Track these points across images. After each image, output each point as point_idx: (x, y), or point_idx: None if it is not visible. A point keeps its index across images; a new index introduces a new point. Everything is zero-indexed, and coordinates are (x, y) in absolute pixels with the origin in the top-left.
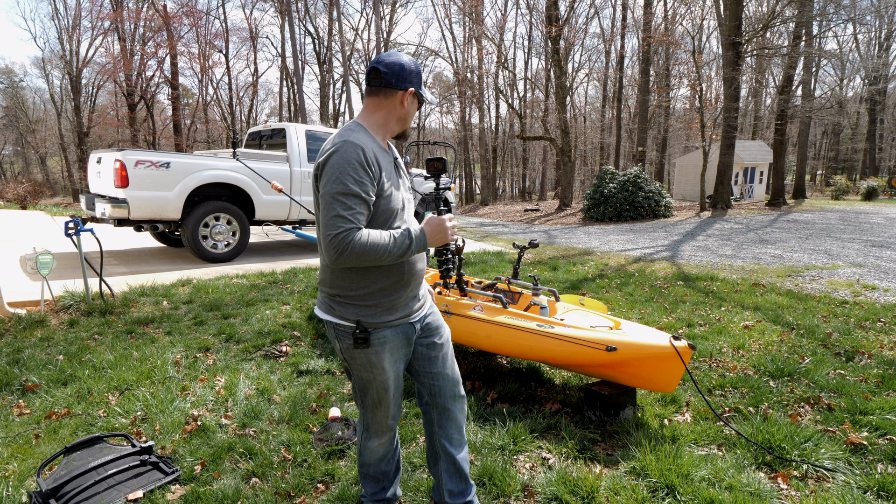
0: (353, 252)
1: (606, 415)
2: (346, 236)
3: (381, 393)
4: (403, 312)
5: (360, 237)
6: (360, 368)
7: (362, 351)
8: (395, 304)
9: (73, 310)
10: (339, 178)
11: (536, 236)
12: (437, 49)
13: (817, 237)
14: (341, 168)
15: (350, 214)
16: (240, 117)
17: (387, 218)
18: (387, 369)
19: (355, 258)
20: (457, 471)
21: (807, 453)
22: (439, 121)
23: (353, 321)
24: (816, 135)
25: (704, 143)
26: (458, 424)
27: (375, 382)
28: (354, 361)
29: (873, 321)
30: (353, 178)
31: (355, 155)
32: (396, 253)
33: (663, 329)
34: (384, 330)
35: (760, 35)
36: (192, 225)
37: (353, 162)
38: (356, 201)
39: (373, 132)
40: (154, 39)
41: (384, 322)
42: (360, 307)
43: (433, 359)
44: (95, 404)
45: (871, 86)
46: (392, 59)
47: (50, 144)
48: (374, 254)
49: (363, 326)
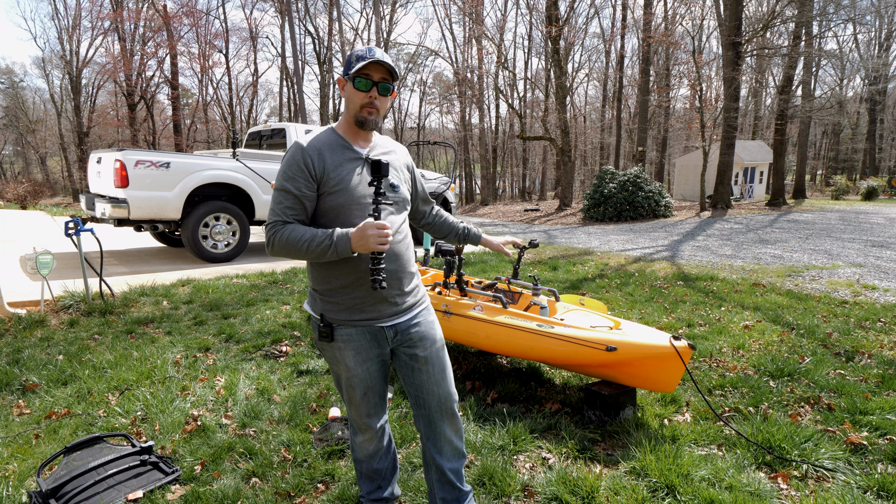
0: (277, 243)
1: (606, 415)
2: (271, 228)
3: (349, 390)
4: (371, 315)
5: (285, 231)
6: (330, 362)
7: (328, 344)
8: (358, 304)
9: (73, 310)
10: (278, 176)
11: (536, 236)
12: (437, 49)
13: (817, 237)
14: (281, 167)
15: (279, 208)
16: (240, 117)
17: (338, 214)
18: (351, 367)
19: (279, 249)
20: (447, 481)
21: (807, 453)
22: (439, 121)
23: (318, 314)
24: (816, 135)
25: (704, 143)
26: (447, 438)
27: (342, 378)
28: (324, 354)
29: (873, 321)
30: (286, 174)
31: (294, 154)
32: (317, 251)
33: (663, 329)
34: (348, 328)
35: (760, 35)
36: (192, 225)
37: (290, 161)
38: (286, 196)
39: (341, 130)
40: (154, 39)
41: (347, 320)
42: (324, 302)
43: (416, 370)
44: (95, 404)
45: (871, 86)
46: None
47: (50, 144)
48: (294, 247)
49: (327, 321)
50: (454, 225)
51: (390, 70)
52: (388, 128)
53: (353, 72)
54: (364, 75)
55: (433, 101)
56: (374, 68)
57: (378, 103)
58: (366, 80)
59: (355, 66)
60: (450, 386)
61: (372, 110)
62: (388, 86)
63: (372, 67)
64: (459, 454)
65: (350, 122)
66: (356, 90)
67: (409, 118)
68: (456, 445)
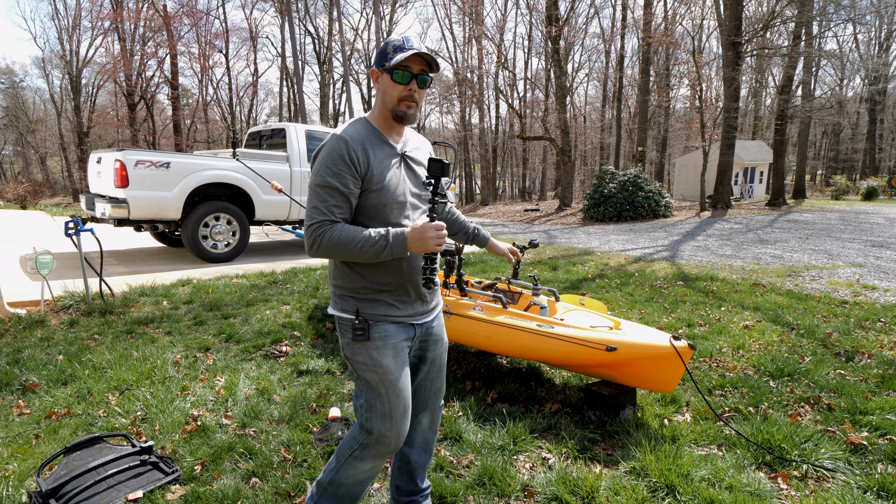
0: (324, 245)
1: (606, 415)
2: (318, 228)
3: (392, 398)
4: (410, 311)
5: (333, 231)
6: (363, 368)
7: (362, 346)
8: (397, 302)
9: (73, 310)
10: (319, 171)
11: (536, 236)
12: (437, 49)
13: (817, 237)
14: (322, 161)
15: (325, 206)
16: (240, 117)
17: (378, 212)
18: (391, 369)
19: (326, 251)
20: (408, 471)
21: (807, 453)
22: (439, 121)
23: (353, 312)
24: (816, 135)
25: (704, 143)
26: (422, 429)
27: (382, 384)
28: (356, 360)
29: (873, 321)
30: (331, 170)
31: (337, 148)
32: (371, 252)
33: (663, 329)
34: (386, 324)
35: (760, 35)
36: (192, 225)
37: (333, 154)
38: (332, 193)
39: (376, 123)
40: (154, 39)
41: (386, 315)
42: (359, 299)
43: (418, 370)
44: (95, 404)
45: (871, 86)
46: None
47: (50, 144)
48: (345, 249)
49: (363, 317)
50: (465, 224)
51: (429, 62)
52: None
53: (393, 64)
54: (403, 67)
55: (433, 101)
56: (413, 60)
57: (417, 96)
58: (405, 73)
59: (394, 58)
60: (443, 382)
61: (411, 103)
62: (427, 77)
63: (412, 59)
64: (427, 449)
65: (386, 115)
66: (394, 83)
67: None
68: (427, 438)
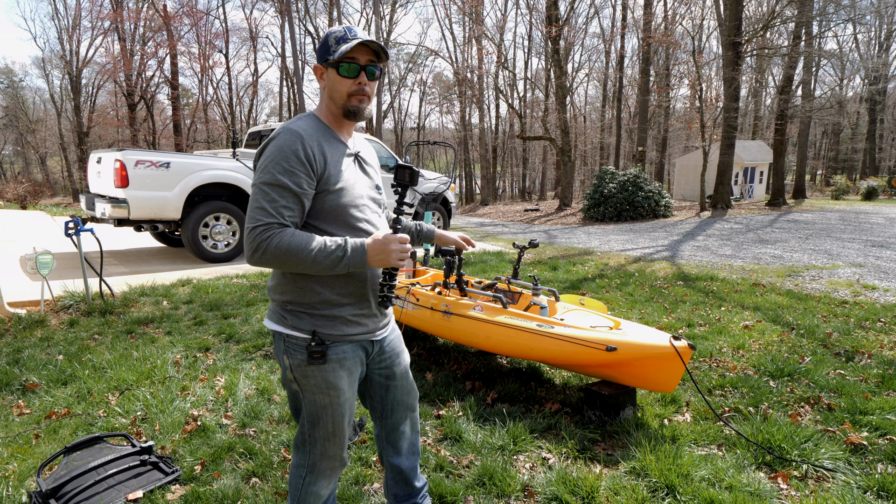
0: (270, 251)
1: (606, 415)
2: (263, 232)
3: (338, 420)
4: (369, 327)
5: (283, 236)
6: (314, 390)
7: (317, 368)
8: (355, 317)
9: (73, 310)
10: (267, 167)
11: (536, 236)
12: (437, 49)
13: (817, 237)
14: (272, 156)
15: (273, 207)
16: (240, 117)
17: (337, 216)
18: (344, 390)
19: (272, 259)
20: (403, 479)
21: (807, 453)
22: (439, 121)
23: (309, 332)
24: (816, 135)
25: (704, 143)
26: (407, 436)
27: (332, 407)
28: (307, 382)
29: (873, 321)
30: (282, 167)
31: (290, 142)
32: (325, 263)
33: (663, 329)
34: (343, 344)
35: (760, 35)
36: (192, 225)
37: (285, 150)
38: (282, 192)
39: (326, 120)
40: (154, 39)
41: (344, 335)
42: (315, 316)
43: (390, 388)
44: (95, 404)
45: (871, 86)
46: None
47: (50, 144)
48: (295, 258)
49: (320, 339)
50: (407, 225)
51: (377, 50)
52: (388, 128)
53: (337, 57)
54: (350, 59)
55: (433, 101)
56: (359, 50)
57: (368, 89)
58: (351, 65)
59: (338, 51)
60: (415, 389)
61: (363, 97)
62: (375, 69)
63: (357, 50)
64: (415, 450)
65: (336, 112)
66: (341, 77)
67: (409, 118)
68: (412, 441)
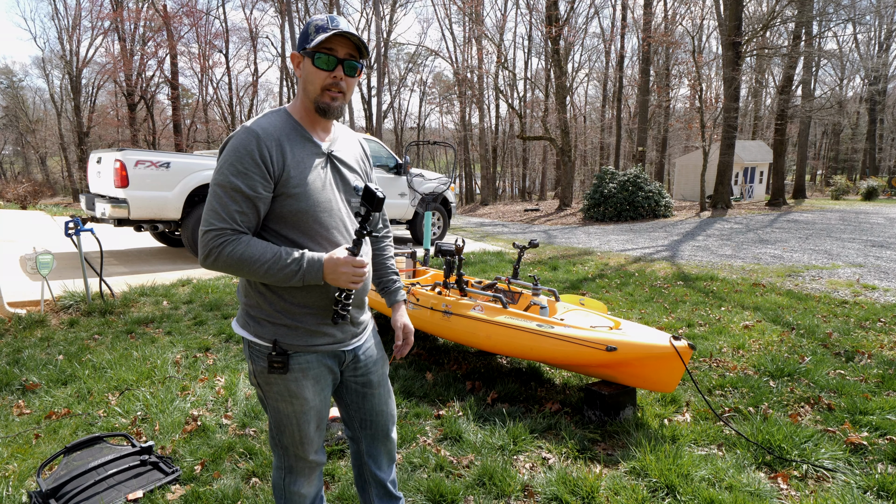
0: (223, 258)
1: (606, 415)
2: (216, 238)
3: (304, 427)
4: (336, 337)
5: (238, 243)
6: (277, 397)
7: (279, 377)
8: (321, 327)
9: (73, 310)
10: (221, 169)
11: (536, 236)
12: (437, 49)
13: (817, 237)
14: (226, 157)
15: (225, 211)
16: (240, 117)
17: (299, 221)
18: (309, 399)
19: (224, 265)
20: (387, 493)
21: (807, 453)
22: (439, 121)
23: (269, 341)
24: (816, 135)
25: (704, 143)
26: (387, 449)
27: (296, 416)
28: (269, 388)
29: (873, 321)
30: (235, 168)
31: (245, 142)
32: (279, 275)
33: (663, 329)
34: (307, 354)
35: (760, 35)
36: (192, 225)
37: (239, 150)
38: (234, 196)
39: (298, 116)
40: (154, 39)
41: (307, 345)
42: (277, 325)
43: (367, 396)
44: (95, 404)
45: (871, 86)
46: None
47: (50, 144)
48: (248, 267)
49: (281, 348)
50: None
51: (357, 45)
52: (388, 128)
53: (313, 46)
54: (326, 50)
55: (433, 101)
56: (338, 42)
57: (344, 85)
58: (328, 57)
59: (315, 39)
60: (393, 396)
61: (337, 94)
62: (356, 64)
63: (336, 41)
64: (392, 459)
65: (309, 107)
66: (317, 69)
67: (409, 118)
68: (391, 450)
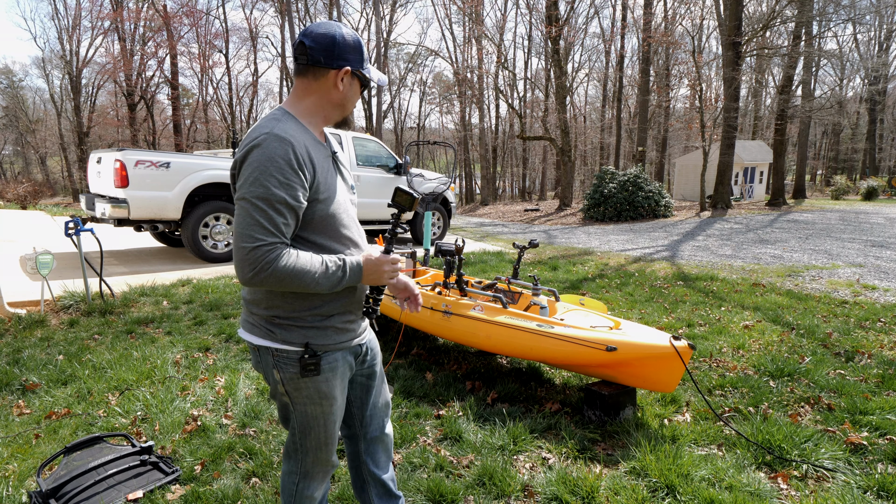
0: (275, 274)
1: (606, 415)
2: (268, 253)
3: (330, 428)
4: (356, 331)
5: (288, 257)
6: (307, 402)
7: (310, 380)
8: (348, 322)
9: (73, 310)
10: (259, 180)
11: (536, 236)
12: (437, 49)
13: (817, 237)
14: (264, 167)
15: (272, 225)
16: (240, 117)
17: (327, 225)
18: (337, 398)
19: (275, 281)
20: (386, 491)
21: (807, 453)
22: (439, 121)
23: (301, 345)
24: (816, 135)
25: (704, 143)
26: (385, 446)
27: (324, 417)
28: (299, 394)
29: (873, 321)
30: (278, 179)
31: (282, 152)
32: (326, 284)
33: (663, 329)
34: (334, 353)
35: (760, 35)
36: (192, 225)
37: (278, 160)
38: (281, 209)
39: (304, 121)
40: (154, 39)
41: (336, 344)
42: (308, 328)
43: (369, 389)
44: (95, 404)
45: (871, 86)
46: (321, 30)
47: (50, 144)
48: (299, 281)
49: (312, 350)
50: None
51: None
52: (388, 128)
53: (369, 76)
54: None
55: (433, 101)
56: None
57: None
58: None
59: (369, 72)
60: (387, 386)
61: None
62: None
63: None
64: (390, 456)
65: (329, 116)
66: (359, 93)
67: (409, 118)
68: (388, 446)
